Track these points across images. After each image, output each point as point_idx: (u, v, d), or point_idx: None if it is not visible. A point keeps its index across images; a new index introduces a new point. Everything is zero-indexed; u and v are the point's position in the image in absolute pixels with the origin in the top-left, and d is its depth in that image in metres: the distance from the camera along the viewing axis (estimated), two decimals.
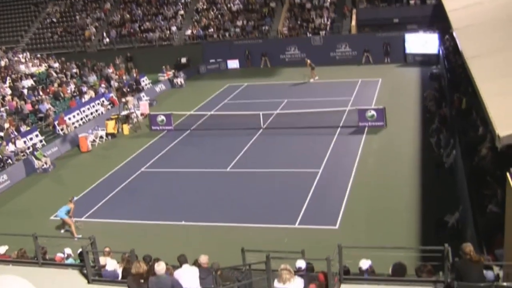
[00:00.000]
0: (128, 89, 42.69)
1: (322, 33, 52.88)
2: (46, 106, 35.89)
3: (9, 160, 29.29)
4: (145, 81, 47.07)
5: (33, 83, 41.37)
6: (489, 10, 26.97)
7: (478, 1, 29.27)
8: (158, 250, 17.43)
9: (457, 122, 25.04)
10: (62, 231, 22.22)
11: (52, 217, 23.46)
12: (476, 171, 18.43)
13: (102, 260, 14.51)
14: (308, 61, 45.21)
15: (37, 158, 29.77)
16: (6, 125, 32.36)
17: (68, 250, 16.47)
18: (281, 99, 39.34)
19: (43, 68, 45.36)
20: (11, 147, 29.96)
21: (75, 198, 23.04)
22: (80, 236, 20.41)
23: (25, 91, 39.01)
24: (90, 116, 37.70)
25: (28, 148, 31.06)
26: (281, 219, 21.50)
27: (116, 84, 44.05)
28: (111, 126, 34.99)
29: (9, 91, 38.17)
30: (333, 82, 43.95)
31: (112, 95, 40.86)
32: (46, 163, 29.91)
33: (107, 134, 34.70)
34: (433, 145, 26.90)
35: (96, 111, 38.55)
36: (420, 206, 21.24)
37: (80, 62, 49.26)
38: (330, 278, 11.61)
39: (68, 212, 21.88)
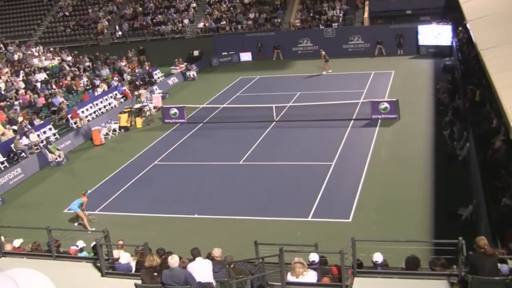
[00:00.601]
0: (141, 82, 42.84)
1: (335, 25, 52.75)
2: (59, 99, 36.03)
3: (23, 154, 29.43)
4: (157, 74, 47.20)
5: (46, 77, 41.66)
6: (502, 0, 26.77)
7: None
8: (171, 243, 17.50)
9: (470, 114, 24.92)
10: (76, 224, 22.32)
11: (65, 210, 23.57)
12: (489, 163, 18.35)
13: (116, 253, 14.58)
14: (323, 52, 44.96)
15: (50, 152, 29.91)
16: (20, 119, 32.54)
17: (80, 243, 16.49)
18: (293, 92, 39.29)
19: (56, 62, 45.62)
20: (24, 141, 30.10)
21: (89, 192, 23.12)
22: (94, 229, 20.48)
23: (38, 84, 39.24)
24: (103, 109, 37.83)
25: (42, 141, 31.19)
26: (294, 212, 21.48)
27: (128, 77, 44.19)
28: (124, 119, 35.08)
29: (22, 85, 38.39)
30: (346, 75, 43.83)
31: (125, 88, 40.94)
32: (59, 156, 30.04)
33: (120, 127, 34.79)
34: (446, 137, 26.78)
35: (109, 104, 38.67)
36: (434, 199, 21.15)
37: (92, 55, 49.52)
38: (344, 271, 11.59)
39: (80, 205, 21.99)
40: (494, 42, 19.72)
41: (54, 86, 39.17)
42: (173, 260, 11.55)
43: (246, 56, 53.96)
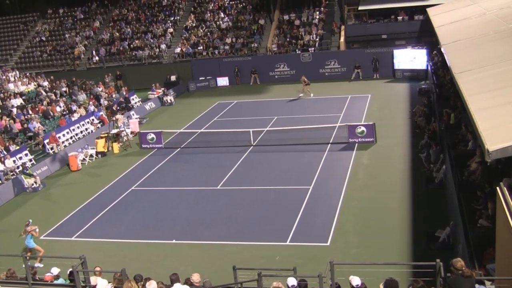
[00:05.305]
0: (118, 107, 42.68)
1: (311, 49, 53.16)
2: (36, 125, 35.80)
3: None
4: (134, 99, 47.09)
5: (22, 102, 41.38)
6: (476, 25, 27.23)
7: (465, 16, 29.54)
8: (149, 269, 17.38)
9: (446, 137, 25.17)
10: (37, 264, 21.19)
11: (42, 237, 23.27)
12: (466, 185, 18.50)
13: (93, 280, 14.42)
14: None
15: (26, 177, 29.60)
16: None
17: (54, 270, 16.14)
18: (271, 116, 39.42)
19: (32, 87, 45.36)
20: (0, 167, 29.78)
21: (31, 221, 21.93)
22: (42, 265, 19.93)
23: (14, 110, 38.95)
24: (80, 135, 37.63)
25: (18, 167, 30.85)
26: (273, 236, 21.40)
27: (105, 102, 44.06)
28: (101, 144, 34.87)
29: None
30: (322, 98, 44.04)
31: (102, 113, 40.81)
32: (35, 182, 29.73)
33: (97, 153, 34.57)
34: (423, 160, 26.97)
35: (86, 129, 38.48)
36: (412, 221, 21.22)
37: (69, 80, 49.34)
38: None
39: (32, 238, 21.27)
40: (468, 65, 20.00)
41: (30, 112, 38.94)
42: (151, 287, 11.48)
43: (223, 81, 54.09)
